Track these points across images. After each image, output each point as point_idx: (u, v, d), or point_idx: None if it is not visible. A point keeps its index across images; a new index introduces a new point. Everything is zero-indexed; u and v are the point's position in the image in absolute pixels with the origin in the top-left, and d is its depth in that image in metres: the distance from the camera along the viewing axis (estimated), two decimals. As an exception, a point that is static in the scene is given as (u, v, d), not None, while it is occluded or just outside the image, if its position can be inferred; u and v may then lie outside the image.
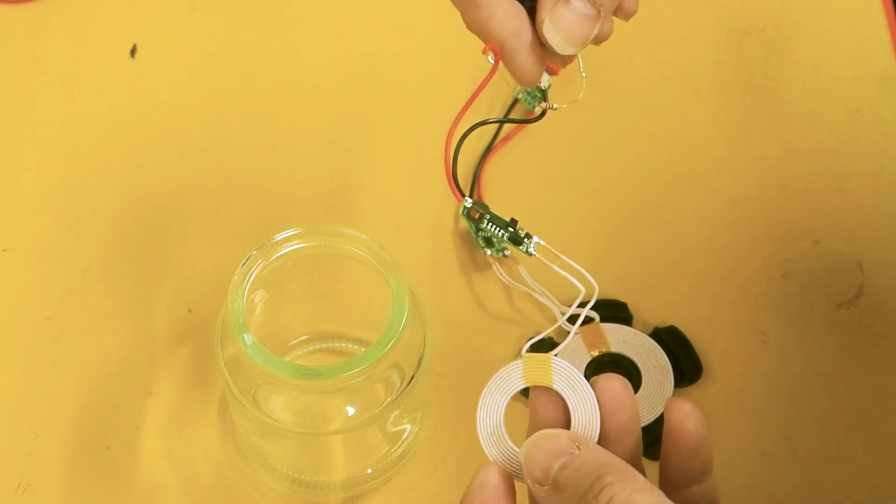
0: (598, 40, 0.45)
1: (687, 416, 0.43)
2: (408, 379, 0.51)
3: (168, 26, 0.70)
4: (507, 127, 0.66)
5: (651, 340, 0.59)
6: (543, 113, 0.50)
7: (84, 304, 0.60)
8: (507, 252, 0.60)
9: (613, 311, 0.60)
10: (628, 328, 0.59)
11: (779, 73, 0.69)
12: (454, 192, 0.53)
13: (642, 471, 0.43)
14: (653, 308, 0.61)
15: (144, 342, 0.59)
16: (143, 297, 0.60)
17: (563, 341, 0.58)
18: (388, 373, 0.51)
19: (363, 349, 0.50)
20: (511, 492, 0.42)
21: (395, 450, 0.56)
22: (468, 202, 0.54)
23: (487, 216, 0.56)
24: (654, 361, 0.58)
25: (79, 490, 0.55)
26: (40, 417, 0.57)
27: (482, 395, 0.44)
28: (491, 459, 0.43)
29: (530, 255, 0.56)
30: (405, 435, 0.56)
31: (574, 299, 0.60)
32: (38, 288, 0.61)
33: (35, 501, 0.55)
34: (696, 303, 0.61)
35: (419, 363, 0.51)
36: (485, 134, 0.65)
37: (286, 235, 0.51)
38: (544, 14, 0.44)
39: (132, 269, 0.61)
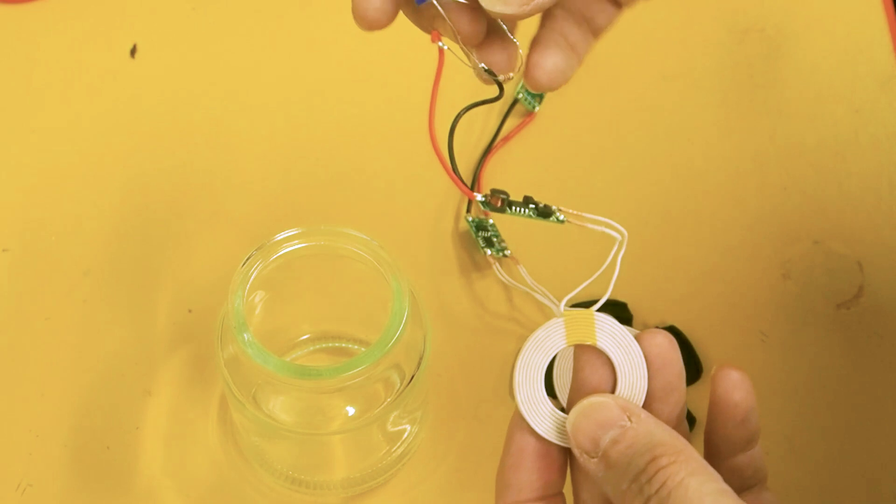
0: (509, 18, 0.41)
1: (736, 387, 0.41)
2: (408, 379, 0.51)
3: (168, 26, 0.70)
4: (506, 127, 0.66)
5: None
6: (501, 87, 0.46)
7: (84, 305, 0.60)
8: (507, 252, 0.60)
9: (613, 311, 0.60)
10: (628, 328, 0.59)
11: (779, 73, 0.69)
12: (462, 190, 0.51)
13: (685, 431, 0.42)
14: (653, 308, 0.61)
15: (144, 342, 0.59)
16: (143, 297, 0.60)
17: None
18: (388, 373, 0.51)
19: (363, 349, 0.50)
20: (551, 450, 0.41)
21: (395, 450, 0.56)
22: (480, 197, 0.52)
23: (508, 200, 0.53)
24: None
25: (79, 490, 0.55)
26: (40, 417, 0.57)
27: (519, 359, 0.41)
28: (532, 427, 0.41)
29: (562, 222, 0.53)
30: (405, 435, 0.56)
31: (573, 299, 0.60)
32: (38, 288, 0.61)
33: (35, 501, 0.55)
34: (696, 303, 0.61)
35: (419, 363, 0.51)
36: (484, 135, 0.65)
37: (286, 235, 0.51)
38: None
39: (132, 270, 0.61)
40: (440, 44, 0.44)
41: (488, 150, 0.65)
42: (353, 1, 0.41)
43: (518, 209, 0.53)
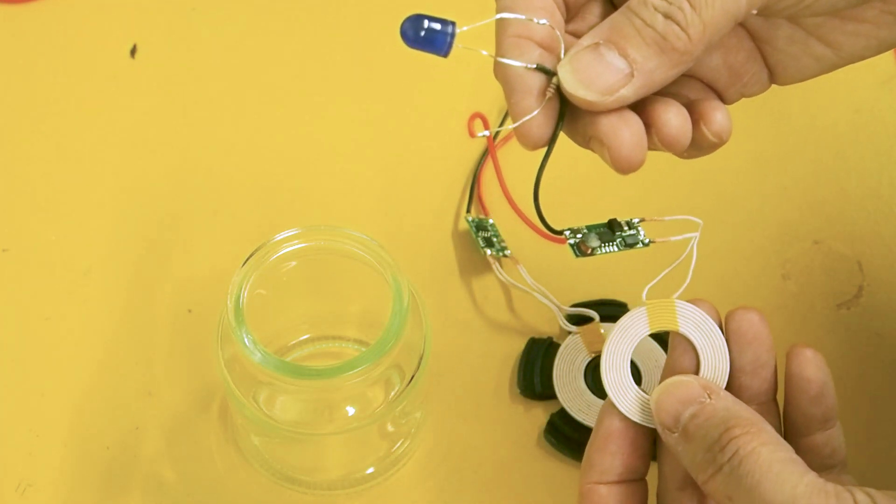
0: (668, 142, 0.42)
1: (808, 363, 0.43)
2: (408, 379, 0.51)
3: (168, 26, 0.70)
4: (507, 127, 0.66)
5: (651, 340, 0.59)
6: (551, 74, 0.43)
7: (84, 304, 0.60)
8: (507, 252, 0.60)
9: (613, 310, 0.60)
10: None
11: (779, 73, 0.69)
12: (548, 237, 0.50)
13: (775, 409, 0.44)
14: (653, 308, 0.61)
15: (144, 342, 0.59)
16: (143, 298, 0.60)
17: (562, 342, 0.59)
18: (388, 373, 0.51)
19: (363, 349, 0.50)
20: (638, 435, 0.43)
21: (395, 450, 0.56)
22: (570, 238, 0.51)
23: (597, 240, 0.52)
24: (654, 361, 0.58)
25: (79, 490, 0.55)
26: (40, 417, 0.57)
27: (606, 346, 0.44)
28: (620, 410, 0.43)
29: (647, 245, 0.53)
30: (405, 435, 0.56)
31: (573, 299, 0.60)
32: (38, 288, 0.61)
33: (35, 501, 0.55)
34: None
35: (419, 363, 0.51)
36: (482, 137, 0.65)
37: (286, 235, 0.51)
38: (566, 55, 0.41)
39: (132, 270, 0.61)
40: (482, 133, 0.44)
41: (487, 152, 0.65)
42: (516, 124, 0.42)
43: (605, 248, 0.52)
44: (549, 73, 0.42)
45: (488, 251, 0.60)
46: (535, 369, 0.58)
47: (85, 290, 0.61)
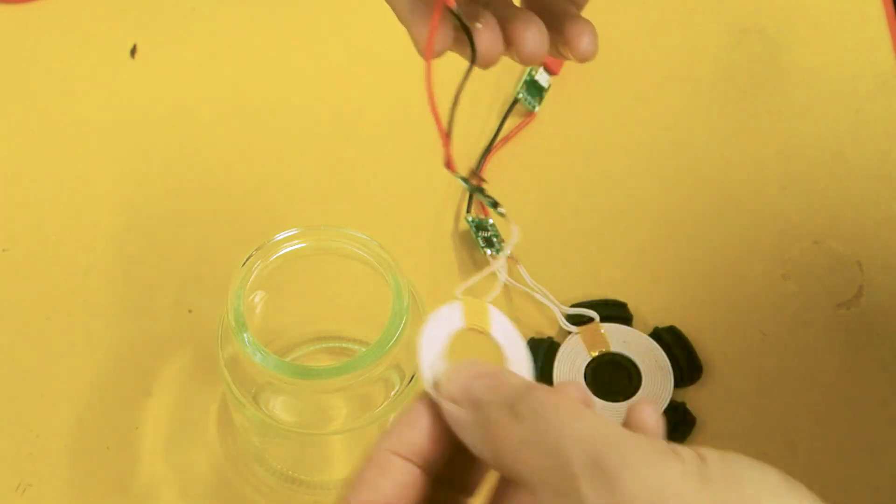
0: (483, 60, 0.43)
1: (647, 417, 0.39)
2: (408, 379, 0.51)
3: (168, 26, 0.70)
4: (506, 127, 0.66)
5: (651, 340, 0.59)
6: (468, 31, 0.46)
7: (84, 304, 0.60)
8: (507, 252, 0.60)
9: (613, 311, 0.60)
10: (628, 328, 0.59)
11: (779, 73, 0.69)
12: (451, 165, 0.50)
13: None
14: (653, 308, 0.61)
15: (144, 342, 0.59)
16: (143, 298, 0.60)
17: (562, 342, 0.59)
18: (388, 373, 0.51)
19: (363, 349, 0.50)
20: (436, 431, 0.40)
21: (395, 450, 0.56)
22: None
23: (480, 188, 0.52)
24: (654, 361, 0.58)
25: (79, 490, 0.55)
26: (40, 417, 0.57)
27: (422, 332, 0.43)
28: (429, 391, 0.41)
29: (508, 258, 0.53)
30: (405, 435, 0.56)
31: (573, 299, 0.60)
32: (38, 288, 0.61)
33: (35, 501, 0.55)
34: (696, 303, 0.61)
35: (419, 363, 0.51)
36: (484, 134, 0.65)
37: (286, 235, 0.51)
38: None
39: (132, 269, 0.61)
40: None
41: (488, 150, 0.65)
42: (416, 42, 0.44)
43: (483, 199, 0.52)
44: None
45: (488, 251, 0.60)
46: (535, 369, 0.58)
47: (85, 290, 0.61)
